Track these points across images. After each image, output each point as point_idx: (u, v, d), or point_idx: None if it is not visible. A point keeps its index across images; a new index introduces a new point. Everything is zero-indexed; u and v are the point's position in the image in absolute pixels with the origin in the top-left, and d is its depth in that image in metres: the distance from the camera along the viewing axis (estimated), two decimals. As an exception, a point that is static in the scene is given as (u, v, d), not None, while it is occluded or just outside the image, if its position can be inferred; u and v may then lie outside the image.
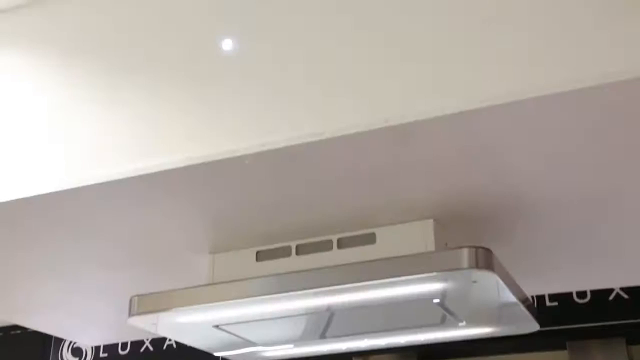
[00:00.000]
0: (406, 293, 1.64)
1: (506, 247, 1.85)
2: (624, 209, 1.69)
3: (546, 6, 1.28)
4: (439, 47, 1.34)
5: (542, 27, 1.27)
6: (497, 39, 1.30)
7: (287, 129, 1.39)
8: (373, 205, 1.65)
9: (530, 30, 1.28)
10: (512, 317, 1.84)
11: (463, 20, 1.33)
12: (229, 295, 1.68)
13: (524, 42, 1.28)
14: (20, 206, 1.60)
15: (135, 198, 1.60)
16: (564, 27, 1.26)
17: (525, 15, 1.29)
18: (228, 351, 2.17)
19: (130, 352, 3.37)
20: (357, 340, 2.10)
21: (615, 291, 2.66)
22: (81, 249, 1.88)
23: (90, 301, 2.26)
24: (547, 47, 1.26)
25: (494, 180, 1.54)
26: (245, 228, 1.77)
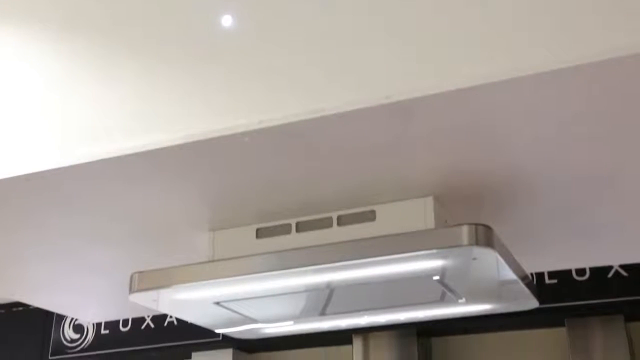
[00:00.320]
0: (406, 270, 1.64)
1: (506, 225, 1.85)
2: (624, 186, 1.69)
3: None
4: (439, 24, 1.33)
5: (542, 4, 1.26)
6: (497, 17, 1.29)
7: (287, 106, 1.39)
8: (373, 182, 1.65)
9: (530, 7, 1.27)
10: (512, 294, 1.85)
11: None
12: (229, 272, 1.69)
13: (523, 20, 1.27)
14: (18, 184, 1.59)
15: (133, 175, 1.59)
16: (562, 3, 1.25)
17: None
18: (228, 328, 2.18)
19: (131, 329, 3.40)
20: (357, 317, 2.11)
21: (615, 269, 2.67)
22: (80, 226, 1.88)
23: (90, 278, 2.27)
24: (546, 24, 1.25)
25: (494, 158, 1.54)
26: (245, 205, 1.77)
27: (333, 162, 1.56)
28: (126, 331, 3.39)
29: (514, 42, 1.26)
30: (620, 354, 2.65)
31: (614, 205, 1.80)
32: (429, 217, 1.67)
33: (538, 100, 1.32)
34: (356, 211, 1.75)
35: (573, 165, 1.58)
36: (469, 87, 1.27)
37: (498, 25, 1.28)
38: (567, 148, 1.50)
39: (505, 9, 1.29)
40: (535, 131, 1.44)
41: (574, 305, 2.70)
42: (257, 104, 1.42)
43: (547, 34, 1.24)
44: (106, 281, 2.29)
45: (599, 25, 1.22)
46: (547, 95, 1.30)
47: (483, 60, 1.28)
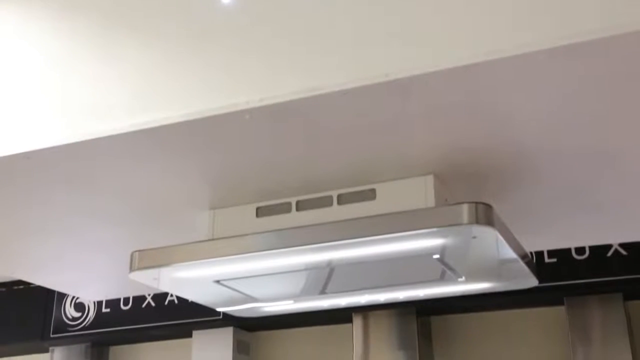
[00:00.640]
0: (406, 249, 1.65)
1: (506, 204, 1.85)
2: (625, 165, 1.69)
3: (551, -43, 1.26)
4: (438, 2, 1.32)
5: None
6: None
7: (287, 84, 1.38)
8: (373, 160, 1.64)
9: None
10: (511, 272, 1.86)
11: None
12: (229, 251, 1.69)
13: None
14: (18, 161, 1.59)
15: (133, 153, 1.59)
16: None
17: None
18: (229, 306, 2.19)
19: (132, 308, 3.42)
20: (357, 295, 2.11)
21: (614, 247, 2.68)
22: (81, 204, 1.88)
23: (91, 256, 2.28)
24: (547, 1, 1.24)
25: (494, 136, 1.54)
26: (245, 184, 1.77)
27: (333, 141, 1.55)
28: (127, 310, 3.41)
29: (514, 19, 1.25)
30: (619, 331, 2.66)
31: (615, 184, 1.80)
32: (429, 196, 1.67)
33: (539, 78, 1.31)
34: (356, 190, 1.75)
35: (574, 143, 1.58)
36: (468, 64, 1.26)
37: (498, 2, 1.27)
38: (568, 126, 1.50)
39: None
40: (536, 109, 1.43)
41: (573, 284, 2.71)
42: (257, 82, 1.42)
43: (548, 11, 1.23)
44: (107, 259, 2.30)
45: (600, 3, 1.21)
46: (548, 73, 1.30)
47: (483, 37, 1.27)
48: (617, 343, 2.65)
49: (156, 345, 3.62)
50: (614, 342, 2.66)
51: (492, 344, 3.02)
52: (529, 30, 1.24)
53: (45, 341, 3.53)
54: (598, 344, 2.69)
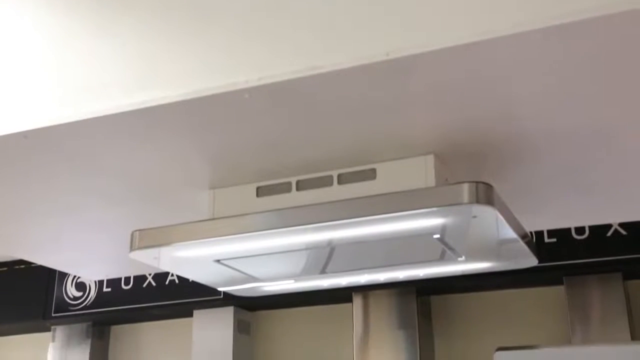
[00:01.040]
0: (406, 228, 1.65)
1: (506, 183, 1.85)
2: (624, 144, 1.69)
3: None
4: (442, -22, 1.31)
5: (548, -43, 1.24)
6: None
7: (287, 63, 1.37)
8: (373, 140, 1.64)
9: (536, -41, 1.25)
10: (511, 252, 1.86)
11: (467, -50, 1.30)
12: (229, 230, 1.69)
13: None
14: (16, 140, 1.59)
15: (132, 133, 1.59)
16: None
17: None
18: (229, 286, 2.20)
19: (133, 287, 3.43)
20: (357, 275, 2.12)
21: (614, 227, 2.68)
22: (80, 184, 1.88)
23: (92, 236, 2.28)
24: (552, -22, 1.23)
25: (495, 115, 1.53)
26: (245, 163, 1.77)
27: (333, 120, 1.55)
28: (128, 289, 3.42)
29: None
30: (618, 311, 2.67)
31: (616, 163, 1.79)
32: (430, 175, 1.67)
33: (535, 57, 1.31)
34: (356, 169, 1.75)
35: (573, 122, 1.57)
36: (469, 43, 1.25)
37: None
38: (566, 105, 1.49)
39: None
40: (534, 88, 1.42)
41: (572, 264, 2.72)
42: (256, 61, 1.41)
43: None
44: (107, 239, 2.30)
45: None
46: (544, 52, 1.29)
47: (483, 16, 1.26)
48: (616, 322, 2.66)
49: (157, 325, 3.64)
50: (612, 322, 2.67)
51: (491, 324, 3.04)
52: (524, 10, 1.23)
53: (47, 320, 3.55)
54: (597, 323, 2.70)
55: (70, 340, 3.61)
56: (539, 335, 2.92)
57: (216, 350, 3.29)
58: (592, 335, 2.70)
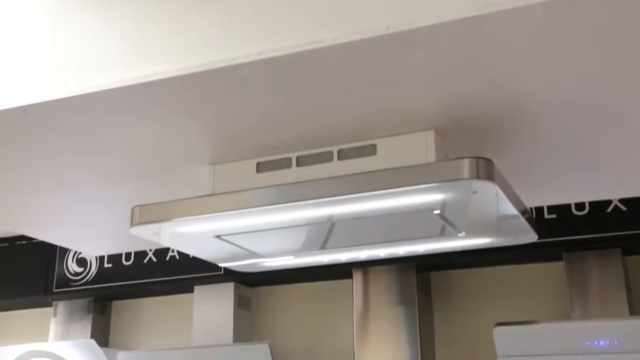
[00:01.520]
0: (406, 204, 1.65)
1: (507, 159, 1.85)
2: (626, 119, 1.68)
3: None
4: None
5: None
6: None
7: (287, 37, 1.36)
8: (374, 115, 1.63)
9: None
10: (511, 227, 1.86)
11: None
12: (229, 206, 1.69)
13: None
14: (15, 115, 1.58)
15: (132, 108, 1.58)
16: None
17: None
18: (230, 262, 2.21)
19: (133, 263, 3.44)
20: (357, 251, 2.13)
21: (614, 203, 2.68)
22: (81, 160, 1.88)
23: (92, 212, 2.28)
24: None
25: (496, 90, 1.52)
26: (245, 139, 1.76)
27: (333, 95, 1.54)
28: (129, 265, 3.43)
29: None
30: (617, 286, 2.68)
31: (617, 138, 1.79)
32: (430, 151, 1.67)
33: (536, 31, 1.30)
34: (357, 145, 1.74)
35: (574, 97, 1.56)
36: (468, 17, 1.24)
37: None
38: (567, 80, 1.49)
39: None
40: (538, 63, 1.41)
41: (572, 240, 2.72)
42: (256, 35, 1.40)
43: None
44: (108, 215, 2.31)
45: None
46: (550, 26, 1.28)
47: (486, -11, 1.25)
48: (614, 298, 2.67)
49: (158, 300, 3.65)
50: (611, 297, 2.68)
51: (491, 299, 3.05)
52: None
53: (48, 296, 3.56)
54: (596, 298, 2.71)
55: (71, 316, 3.63)
56: (538, 311, 2.93)
57: (216, 326, 3.31)
58: (591, 311, 2.71)
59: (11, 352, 3.39)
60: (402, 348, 2.94)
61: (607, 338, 2.49)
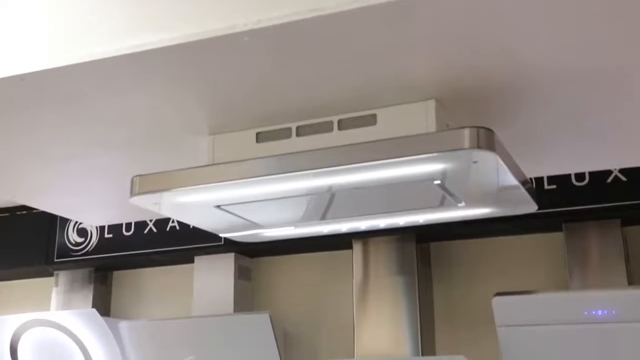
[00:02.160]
0: (407, 174, 1.64)
1: (508, 129, 1.84)
2: (626, 87, 1.67)
3: None
4: None
5: None
6: None
7: (287, 5, 1.35)
8: (374, 85, 1.62)
9: None
10: (511, 197, 1.86)
11: None
12: (229, 176, 1.69)
13: None
14: (13, 84, 1.57)
15: (130, 77, 1.57)
16: None
17: None
18: (230, 232, 2.21)
19: (134, 233, 3.45)
20: (357, 221, 2.13)
21: (614, 174, 2.68)
22: (80, 130, 1.87)
23: (92, 182, 2.28)
24: None
25: (497, 58, 1.51)
26: (245, 109, 1.75)
27: (334, 64, 1.53)
28: (129, 235, 3.44)
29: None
30: (616, 257, 2.69)
31: (620, 107, 1.78)
32: (431, 121, 1.66)
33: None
34: (357, 115, 1.74)
35: (580, 64, 1.55)
36: (473, -17, 1.23)
37: None
38: (569, 47, 1.47)
39: None
40: (540, 29, 1.40)
41: (572, 210, 2.72)
42: (256, 3, 1.38)
43: None
44: (108, 185, 2.31)
45: None
46: (554, -7, 1.27)
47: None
48: (613, 268, 2.68)
49: (158, 271, 3.67)
50: (610, 267, 2.69)
51: (490, 270, 3.06)
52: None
53: (49, 265, 3.58)
54: (595, 268, 2.72)
55: (73, 285, 3.65)
56: (537, 281, 2.95)
57: (217, 296, 3.33)
58: (590, 281, 2.73)
59: (13, 320, 3.41)
60: (401, 318, 2.96)
61: (605, 307, 2.51)
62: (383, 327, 2.97)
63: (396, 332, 2.95)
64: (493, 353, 2.74)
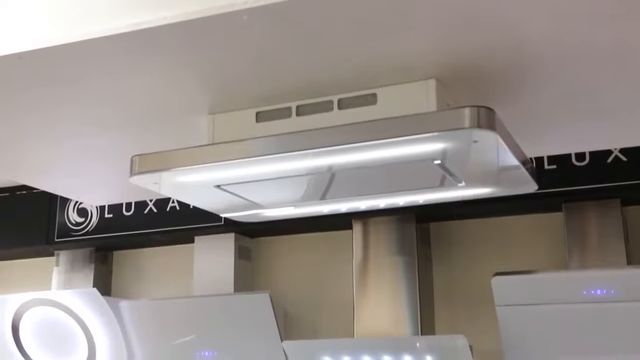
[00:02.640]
0: (407, 153, 1.64)
1: (509, 109, 1.83)
2: (629, 67, 1.66)
3: None
4: None
5: None
6: None
7: (286, -17, 1.34)
8: (374, 64, 1.62)
9: None
10: (511, 177, 1.86)
11: None
12: (229, 155, 1.69)
13: None
14: (11, 62, 1.56)
15: (128, 56, 1.56)
16: None
17: None
18: (231, 212, 2.21)
19: (134, 213, 3.45)
20: (357, 201, 2.13)
21: (614, 154, 2.68)
22: (79, 109, 1.87)
23: (92, 162, 2.28)
24: None
25: (498, 37, 1.50)
26: (245, 88, 1.75)
27: (334, 43, 1.52)
28: (129, 215, 3.44)
29: None
30: (615, 237, 2.70)
31: (621, 87, 1.77)
32: (431, 100, 1.65)
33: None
34: (357, 94, 1.73)
35: (582, 43, 1.54)
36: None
37: None
38: (577, 25, 1.46)
39: None
40: (543, 7, 1.39)
41: (572, 190, 2.72)
42: (255, -19, 1.37)
43: None
44: (108, 165, 2.30)
45: None
46: (556, -30, 1.25)
47: None
48: (612, 247, 2.69)
49: (159, 251, 3.68)
50: (609, 247, 2.70)
51: (489, 250, 3.07)
52: None
53: (50, 245, 3.59)
54: (594, 248, 2.73)
55: (74, 265, 3.66)
56: (537, 261, 2.96)
57: (217, 276, 3.34)
58: (589, 260, 2.74)
59: (15, 300, 3.43)
60: (401, 298, 2.97)
61: (604, 287, 2.52)
62: (383, 307, 2.99)
63: (396, 311, 2.97)
64: (492, 332, 2.75)
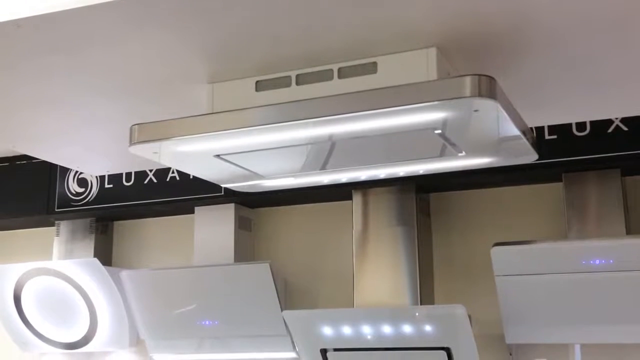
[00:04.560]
0: (407, 123, 1.64)
1: (510, 78, 1.82)
2: (630, 36, 1.65)
3: None
4: None
5: None
6: None
7: (286, -51, 1.32)
8: (375, 32, 1.60)
9: None
10: (512, 147, 1.85)
11: None
12: (229, 125, 1.68)
13: None
14: (9, 29, 1.55)
15: (127, 21, 1.55)
16: None
17: None
18: (231, 182, 2.21)
19: (134, 184, 3.45)
20: (357, 171, 2.13)
21: (615, 123, 2.67)
22: (77, 78, 1.86)
23: (91, 131, 2.28)
24: None
25: (500, 6, 1.49)
26: (244, 57, 1.74)
27: (334, 11, 1.51)
28: (129, 186, 3.44)
29: None
30: (615, 207, 2.70)
31: (621, 55, 1.76)
32: (432, 69, 1.64)
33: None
34: (357, 63, 1.72)
35: (585, 11, 1.52)
36: None
37: None
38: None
39: None
40: (545, -23, 1.38)
41: (572, 160, 2.72)
42: (255, -53, 1.36)
43: None
44: (107, 134, 2.30)
45: None
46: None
47: None
48: (612, 218, 2.69)
49: (159, 221, 3.68)
50: (609, 217, 2.70)
51: (489, 220, 3.07)
52: None
53: (51, 215, 3.59)
54: (593, 218, 2.73)
55: (74, 235, 3.67)
56: (536, 231, 2.96)
57: (217, 246, 3.35)
58: (588, 231, 2.74)
59: (16, 269, 3.44)
60: (400, 268, 2.99)
61: (602, 257, 2.52)
62: (382, 277, 3.00)
63: (395, 281, 2.98)
64: (491, 302, 2.77)
